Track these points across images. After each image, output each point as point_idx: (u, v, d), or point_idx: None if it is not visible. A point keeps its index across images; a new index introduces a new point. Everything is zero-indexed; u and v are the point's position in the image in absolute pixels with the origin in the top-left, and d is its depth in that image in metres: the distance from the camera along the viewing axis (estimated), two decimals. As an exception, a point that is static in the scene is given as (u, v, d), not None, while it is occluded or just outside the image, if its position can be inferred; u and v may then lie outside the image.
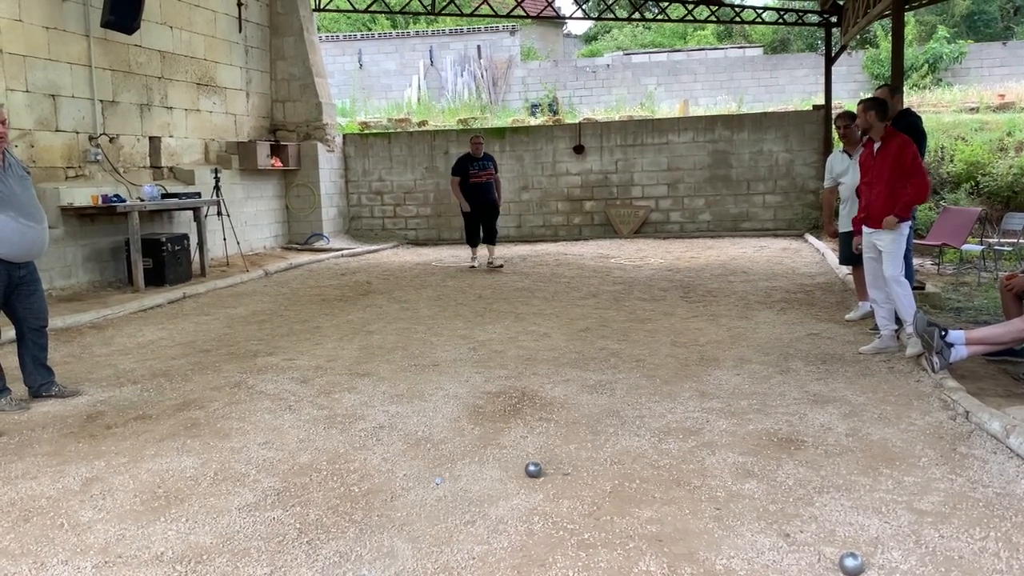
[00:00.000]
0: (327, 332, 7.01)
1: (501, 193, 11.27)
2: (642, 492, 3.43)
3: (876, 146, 5.66)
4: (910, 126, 6.11)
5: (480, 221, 10.95)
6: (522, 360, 5.81)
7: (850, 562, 2.70)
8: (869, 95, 6.46)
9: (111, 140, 10.48)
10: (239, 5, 13.27)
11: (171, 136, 11.69)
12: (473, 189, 10.71)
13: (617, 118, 16.66)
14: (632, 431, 4.21)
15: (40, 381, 5.10)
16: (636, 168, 15.15)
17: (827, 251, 11.01)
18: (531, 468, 3.63)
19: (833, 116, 14.05)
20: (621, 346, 6.19)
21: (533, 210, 15.49)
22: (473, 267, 11.03)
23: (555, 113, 20.03)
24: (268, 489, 3.57)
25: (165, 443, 4.21)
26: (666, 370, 5.44)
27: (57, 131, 9.65)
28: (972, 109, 16.76)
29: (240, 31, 13.41)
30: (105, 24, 9.90)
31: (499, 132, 15.65)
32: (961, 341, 4.93)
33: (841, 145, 7.06)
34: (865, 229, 5.80)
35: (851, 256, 6.83)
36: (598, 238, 14.94)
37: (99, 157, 10.14)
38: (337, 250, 13.73)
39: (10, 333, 5.26)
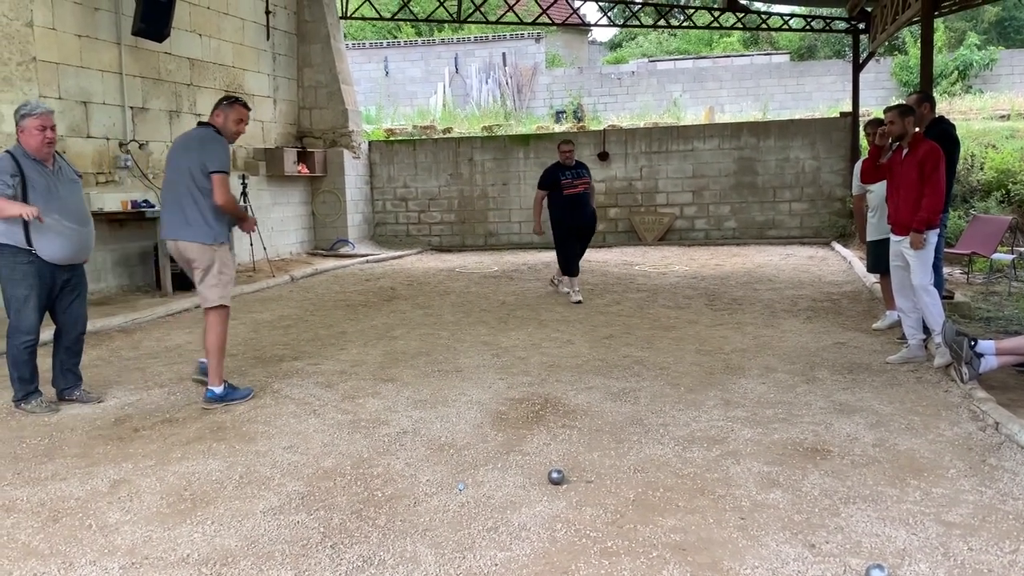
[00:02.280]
0: (352, 337, 7.05)
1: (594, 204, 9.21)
2: (666, 501, 3.41)
3: (904, 153, 5.60)
4: (942, 133, 6.04)
5: (576, 238, 8.92)
6: (545, 367, 5.80)
7: (877, 573, 2.67)
8: (898, 102, 6.40)
9: (141, 146, 10.61)
10: (267, 13, 13.41)
11: (199, 142, 11.81)
12: (568, 203, 8.71)
13: (642, 125, 16.62)
14: (656, 439, 4.19)
15: (64, 385, 5.15)
16: (661, 175, 15.10)
17: (854, 259, 10.91)
18: (554, 475, 3.62)
19: (861, 123, 13.96)
20: (645, 354, 6.17)
21: (557, 217, 15.44)
22: (580, 301, 8.54)
23: (580, 120, 20.02)
24: (292, 493, 3.59)
25: (191, 446, 4.25)
26: (691, 378, 5.41)
27: (88, 137, 9.80)
28: (1003, 116, 16.54)
29: (268, 39, 13.55)
30: (136, 32, 10.04)
31: (523, 139, 15.68)
32: (991, 351, 4.86)
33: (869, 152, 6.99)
34: (893, 237, 5.74)
35: (879, 264, 6.77)
36: (622, 245, 14.90)
37: (129, 163, 10.28)
38: (362, 256, 13.81)
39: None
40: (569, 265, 8.87)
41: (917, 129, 5.68)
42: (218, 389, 4.97)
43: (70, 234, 4.81)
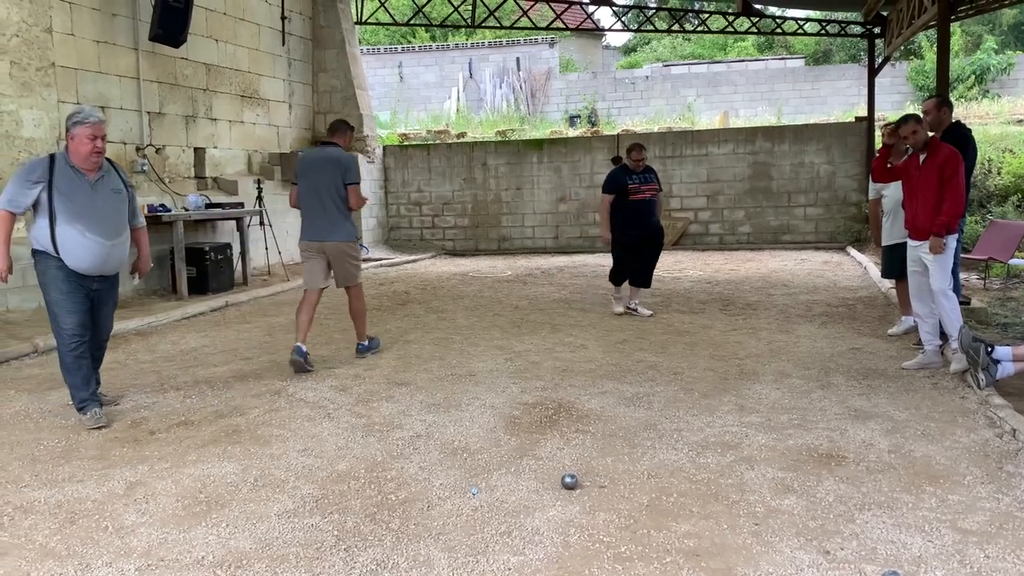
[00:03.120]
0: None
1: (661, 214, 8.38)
2: (679, 506, 3.41)
3: (922, 157, 5.57)
4: (960, 138, 6.00)
5: (639, 251, 8.06)
6: (559, 371, 5.80)
7: (892, 581, 2.66)
8: (913, 109, 6.36)
9: (157, 151, 10.70)
10: (283, 19, 13.50)
11: (215, 147, 11.91)
12: (634, 209, 7.93)
13: (656, 130, 16.62)
14: (670, 444, 4.18)
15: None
16: (675, 180, 15.08)
17: (869, 264, 10.85)
18: (567, 480, 3.62)
19: (877, 128, 13.90)
20: (659, 358, 6.16)
21: (571, 221, 15.48)
22: (621, 312, 8.12)
23: (593, 125, 20.03)
24: (307, 496, 3.60)
25: (207, 449, 4.28)
26: (704, 383, 5.40)
27: (106, 142, 9.87)
28: (1020, 121, 16.42)
29: (283, 44, 13.64)
30: (153, 38, 10.14)
31: (537, 143, 15.70)
32: (1008, 357, 4.82)
33: None
34: (911, 242, 5.71)
35: (892, 269, 6.73)
36: (636, 250, 14.85)
37: (146, 167, 10.37)
38: (376, 260, 13.85)
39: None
40: (619, 274, 8.23)
41: (932, 134, 5.65)
42: (365, 343, 6.44)
43: (93, 247, 4.69)
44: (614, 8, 16.03)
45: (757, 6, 15.17)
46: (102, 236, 4.73)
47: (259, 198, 11.33)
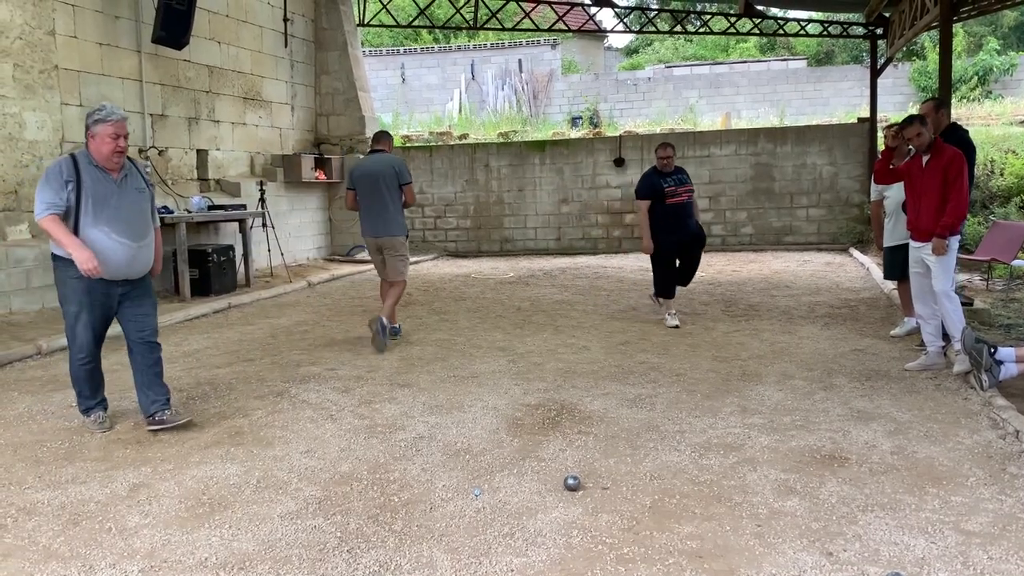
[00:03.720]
0: (368, 343, 7.07)
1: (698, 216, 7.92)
2: (682, 508, 3.41)
3: (925, 159, 5.57)
4: (960, 140, 6.00)
5: (679, 256, 7.71)
6: (561, 373, 5.81)
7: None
8: (915, 110, 6.36)
9: (160, 153, 10.72)
10: (285, 21, 13.52)
11: (218, 149, 11.92)
12: (671, 213, 7.47)
13: (658, 131, 16.61)
14: (672, 446, 4.18)
15: (152, 397, 4.67)
16: (677, 181, 15.05)
17: (872, 266, 10.84)
18: (570, 481, 3.62)
19: (879, 129, 13.89)
20: (661, 360, 6.16)
21: (573, 223, 15.48)
22: (677, 325, 7.47)
23: (596, 126, 20.03)
24: (310, 497, 3.61)
25: (210, 451, 4.29)
26: (707, 385, 5.40)
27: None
28: (1023, 122, 16.41)
29: (286, 46, 13.65)
30: (156, 40, 10.16)
31: (539, 145, 15.70)
32: (1011, 359, 4.82)
33: None
34: (913, 243, 5.70)
35: (894, 271, 6.73)
36: (638, 251, 14.86)
37: (148, 169, 10.37)
38: (378, 262, 13.84)
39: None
40: (666, 285, 7.66)
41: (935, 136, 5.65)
42: (394, 325, 7.13)
43: (119, 249, 4.43)
44: (616, 10, 16.04)
45: (759, 7, 15.16)
46: (129, 238, 4.48)
47: (262, 200, 11.34)
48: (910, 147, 5.78)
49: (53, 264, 4.57)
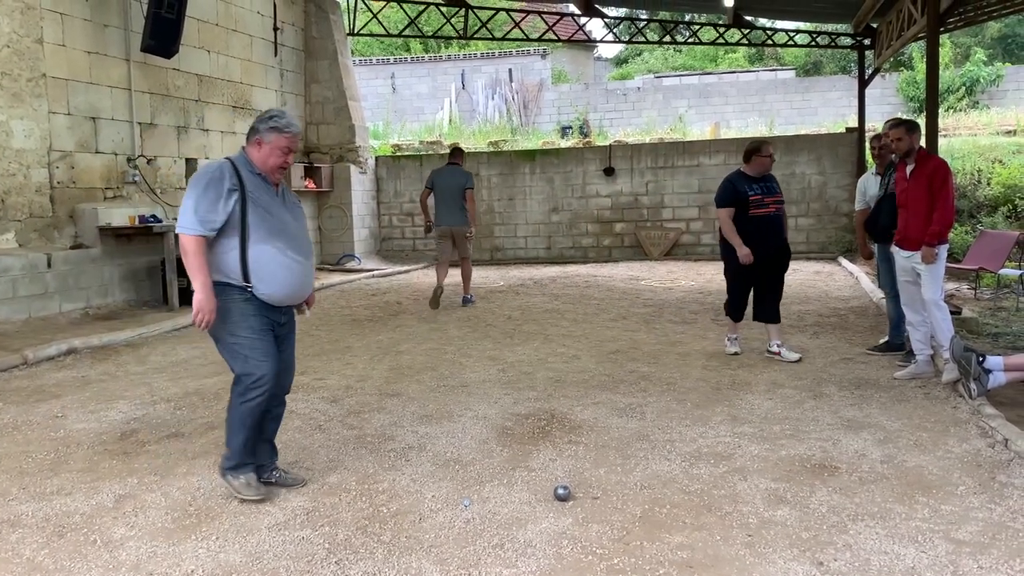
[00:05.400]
0: (357, 352, 7.05)
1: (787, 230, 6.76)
2: (672, 517, 3.39)
3: (909, 168, 5.60)
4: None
5: (759, 276, 6.52)
6: (551, 382, 5.79)
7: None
8: (901, 117, 6.37)
9: (149, 161, 10.68)
10: (275, 29, 13.51)
11: (207, 158, 11.88)
12: (755, 226, 6.37)
13: (648, 140, 16.66)
14: (662, 455, 4.17)
15: (264, 461, 3.92)
16: (667, 190, 15.12)
17: (861, 275, 10.88)
18: (560, 491, 3.60)
19: (868, 138, 13.97)
20: (651, 369, 6.15)
21: (563, 232, 15.51)
22: (736, 352, 6.64)
23: (585, 135, 20.07)
24: (297, 508, 3.58)
25: (197, 461, 4.25)
26: (697, 394, 5.40)
27: (97, 153, 9.86)
28: (1009, 132, 16.54)
29: (276, 55, 13.64)
30: (145, 48, 10.12)
31: (529, 154, 15.72)
32: (999, 367, 4.84)
33: (874, 167, 6.97)
34: (902, 252, 5.73)
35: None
36: (628, 260, 14.90)
37: (137, 178, 10.34)
38: (368, 271, 13.83)
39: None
40: (735, 305, 6.68)
41: (923, 145, 5.69)
42: (469, 296, 9.89)
43: (295, 268, 3.77)
44: (606, 20, 16.09)
45: (747, 17, 15.25)
46: (302, 255, 3.84)
47: (251, 209, 11.28)
48: (893, 156, 5.81)
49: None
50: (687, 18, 23.39)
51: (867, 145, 13.62)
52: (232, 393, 3.75)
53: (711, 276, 12.03)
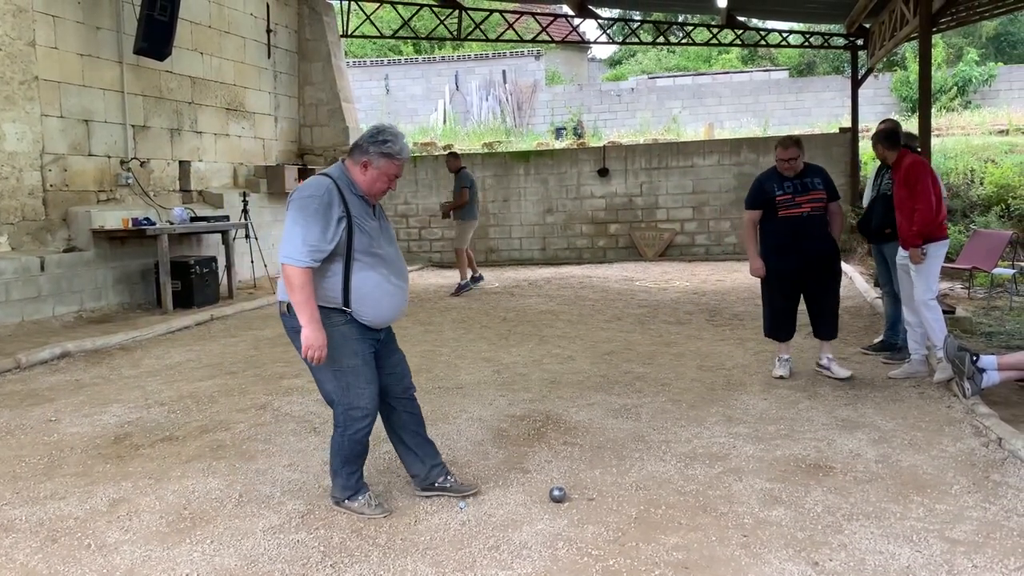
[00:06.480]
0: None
1: (839, 234, 5.87)
2: (668, 518, 3.39)
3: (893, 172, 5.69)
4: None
5: (803, 288, 5.84)
6: (546, 383, 5.79)
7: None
8: (897, 119, 6.40)
9: (142, 164, 10.64)
10: (268, 32, 13.48)
11: (200, 160, 11.86)
12: (785, 230, 5.68)
13: (642, 141, 16.67)
14: (658, 456, 4.17)
15: (431, 463, 3.76)
16: (661, 191, 15.13)
17: (855, 274, 10.90)
18: (555, 493, 3.60)
19: (861, 138, 14.01)
20: (646, 370, 6.16)
21: (557, 233, 15.51)
22: (784, 376, 5.82)
23: (580, 136, 20.08)
24: (293, 511, 3.57)
25: (191, 464, 4.24)
26: (692, 394, 5.40)
27: (89, 155, 9.83)
28: (1002, 131, 16.59)
29: (269, 57, 13.62)
30: (138, 51, 10.10)
31: (524, 155, 15.72)
32: (993, 366, 4.85)
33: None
34: (901, 252, 5.76)
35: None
36: (623, 261, 14.90)
37: (130, 181, 10.31)
38: (363, 273, 13.78)
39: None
40: (775, 323, 5.92)
41: (905, 145, 5.72)
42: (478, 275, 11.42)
43: (397, 294, 3.61)
44: (599, 21, 16.11)
45: (741, 18, 15.27)
46: (402, 279, 3.67)
47: (245, 211, 11.28)
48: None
49: (289, 316, 3.50)
50: (680, 19, 23.42)
51: (861, 145, 13.69)
52: (335, 425, 3.58)
53: (705, 277, 12.04)
